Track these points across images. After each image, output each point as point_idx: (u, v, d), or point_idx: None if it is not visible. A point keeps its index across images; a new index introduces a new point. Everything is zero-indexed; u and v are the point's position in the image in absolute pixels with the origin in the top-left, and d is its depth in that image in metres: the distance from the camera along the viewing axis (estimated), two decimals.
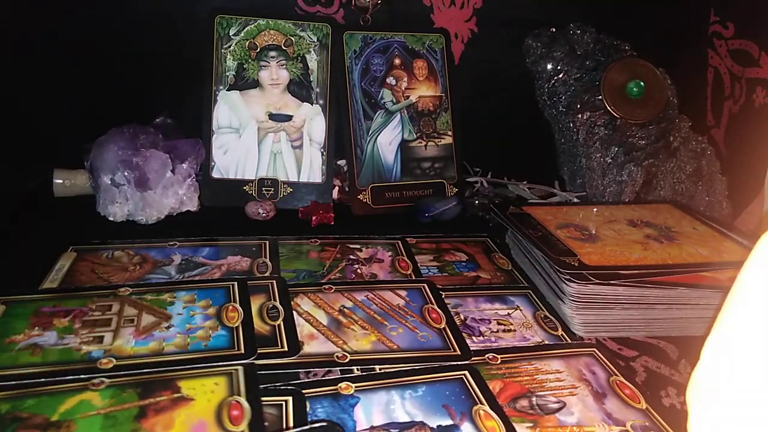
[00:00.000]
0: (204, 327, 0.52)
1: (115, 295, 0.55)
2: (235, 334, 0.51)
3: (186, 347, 0.49)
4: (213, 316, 0.53)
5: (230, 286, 0.58)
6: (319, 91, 0.83)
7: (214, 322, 0.52)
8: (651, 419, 0.47)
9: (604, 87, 0.89)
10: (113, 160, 0.71)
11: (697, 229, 0.73)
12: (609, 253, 0.64)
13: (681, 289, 0.59)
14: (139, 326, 0.51)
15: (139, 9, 0.82)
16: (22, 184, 0.78)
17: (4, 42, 0.76)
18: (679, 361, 0.57)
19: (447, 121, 0.88)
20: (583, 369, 0.52)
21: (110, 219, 0.72)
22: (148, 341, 0.49)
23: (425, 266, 0.68)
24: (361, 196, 0.82)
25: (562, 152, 0.94)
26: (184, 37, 0.83)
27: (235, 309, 0.54)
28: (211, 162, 0.79)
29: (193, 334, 0.51)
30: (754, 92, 0.88)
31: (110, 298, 0.55)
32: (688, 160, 0.89)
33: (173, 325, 0.52)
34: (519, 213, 0.74)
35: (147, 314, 0.53)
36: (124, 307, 0.54)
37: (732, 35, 0.92)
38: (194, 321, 0.52)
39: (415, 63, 0.87)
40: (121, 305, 0.54)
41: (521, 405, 0.47)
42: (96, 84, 0.82)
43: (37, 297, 0.55)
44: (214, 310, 0.54)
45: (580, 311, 0.59)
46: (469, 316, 0.59)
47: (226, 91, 0.81)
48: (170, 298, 0.56)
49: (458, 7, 0.91)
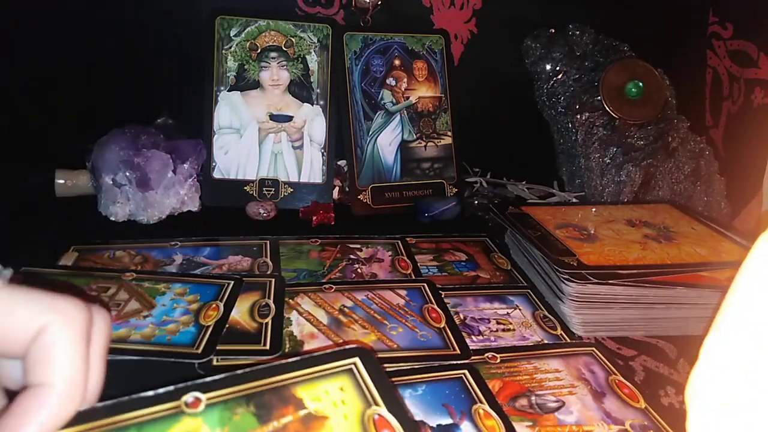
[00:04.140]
0: (178, 321, 0.52)
1: (119, 278, 0.57)
2: (202, 333, 0.51)
3: (150, 338, 0.49)
4: (193, 311, 0.54)
5: (225, 284, 0.58)
6: (320, 91, 0.83)
7: (190, 317, 0.53)
8: (650, 418, 0.48)
9: (603, 88, 0.89)
10: (115, 161, 0.72)
11: (695, 229, 0.73)
12: (608, 253, 0.64)
13: (680, 289, 0.60)
14: (121, 311, 0.52)
15: (140, 10, 0.82)
16: (23, 184, 0.78)
17: (5, 42, 0.76)
18: (678, 360, 0.57)
19: (446, 121, 0.88)
20: (582, 368, 0.52)
21: (111, 219, 0.72)
22: (120, 327, 0.50)
23: (425, 266, 0.68)
24: (362, 196, 0.82)
25: (561, 152, 0.95)
26: (185, 38, 0.84)
27: (217, 308, 0.54)
28: (212, 162, 0.80)
29: (164, 327, 0.51)
30: (753, 93, 0.88)
31: (112, 281, 0.56)
32: (686, 160, 0.89)
33: (152, 315, 0.52)
34: (518, 213, 0.74)
35: (135, 301, 0.54)
36: (120, 291, 0.55)
37: (731, 36, 0.93)
38: (173, 314, 0.53)
39: (415, 64, 0.88)
40: (117, 289, 0.55)
41: (520, 404, 0.47)
42: (98, 85, 0.82)
43: (55, 271, 0.58)
44: (197, 306, 0.54)
45: (579, 311, 0.59)
46: (469, 315, 0.59)
47: (226, 91, 0.81)
48: (164, 288, 0.56)
49: (458, 8, 0.91)
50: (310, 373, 0.32)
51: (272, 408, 0.30)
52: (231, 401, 0.30)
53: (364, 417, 0.31)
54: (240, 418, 0.29)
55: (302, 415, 0.30)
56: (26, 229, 0.69)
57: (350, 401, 0.31)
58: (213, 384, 0.30)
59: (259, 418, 0.29)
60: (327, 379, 0.32)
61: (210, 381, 0.30)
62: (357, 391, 0.32)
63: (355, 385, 0.32)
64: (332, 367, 0.33)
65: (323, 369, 0.33)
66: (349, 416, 0.31)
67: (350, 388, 0.32)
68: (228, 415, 0.29)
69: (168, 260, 0.64)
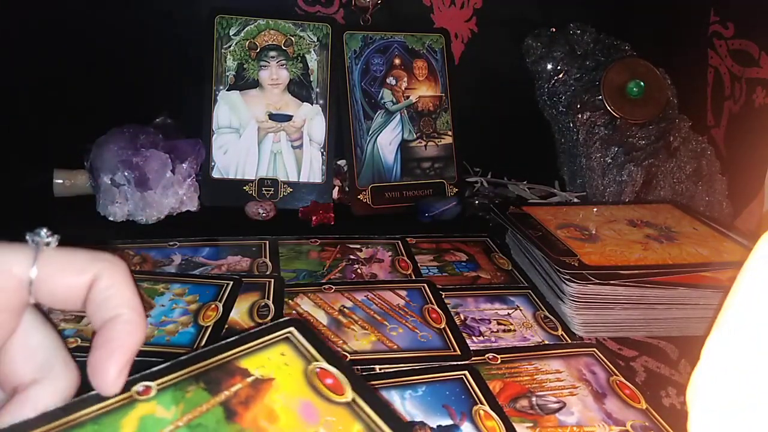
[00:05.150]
0: (177, 322, 0.52)
1: None
2: (201, 333, 0.50)
3: (149, 339, 0.49)
4: (192, 312, 0.53)
5: (224, 284, 0.58)
6: (319, 91, 0.83)
7: (189, 318, 0.52)
8: (651, 419, 0.47)
9: (604, 87, 0.89)
10: (113, 160, 0.71)
11: (697, 229, 0.73)
12: (609, 253, 0.64)
13: (681, 289, 0.59)
14: None
15: (139, 9, 0.82)
16: (22, 184, 0.78)
17: (5, 42, 0.76)
18: (679, 361, 0.57)
19: (447, 121, 0.88)
20: (583, 369, 0.52)
21: (110, 219, 0.72)
22: None
23: (425, 266, 0.68)
24: (361, 196, 0.82)
25: (562, 152, 0.95)
26: (185, 38, 0.83)
27: (216, 308, 0.54)
28: (211, 162, 0.80)
29: (163, 327, 0.51)
30: (754, 92, 0.88)
31: None
32: (688, 160, 0.89)
33: (150, 315, 0.52)
34: (519, 213, 0.74)
35: None
36: None
37: (732, 35, 0.92)
38: (172, 314, 0.52)
39: (415, 63, 0.87)
40: None
41: (521, 405, 0.47)
42: (96, 84, 0.82)
43: None
44: (196, 306, 0.54)
45: (580, 311, 0.59)
46: (469, 316, 0.59)
47: (226, 91, 0.81)
48: (163, 289, 0.56)
49: (458, 7, 0.91)
50: (250, 346, 0.34)
51: (221, 381, 0.32)
52: (181, 382, 0.31)
53: (307, 372, 0.33)
54: (192, 394, 0.31)
55: (250, 381, 0.32)
56: (25, 229, 0.69)
57: (292, 362, 0.34)
58: (159, 372, 0.31)
59: (210, 391, 0.31)
60: (268, 349, 0.34)
61: (156, 370, 0.31)
62: (297, 353, 0.34)
63: (294, 349, 0.35)
64: (271, 338, 0.35)
65: (262, 341, 0.35)
66: (293, 374, 0.33)
67: (290, 352, 0.34)
68: (180, 394, 0.31)
69: (167, 260, 0.63)
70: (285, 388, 0.32)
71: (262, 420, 0.30)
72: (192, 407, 0.30)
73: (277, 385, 0.32)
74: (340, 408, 0.31)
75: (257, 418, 0.30)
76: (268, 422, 0.30)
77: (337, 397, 0.32)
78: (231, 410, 0.30)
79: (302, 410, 0.31)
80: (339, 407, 0.31)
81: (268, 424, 0.30)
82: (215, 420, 0.30)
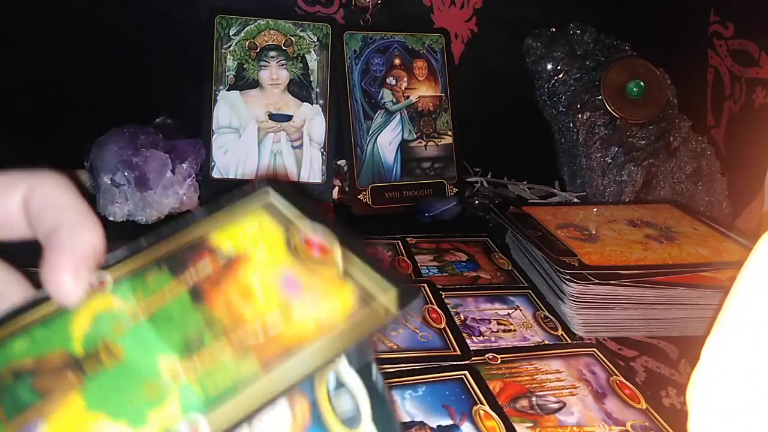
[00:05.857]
0: None
1: None
2: None
3: None
4: None
5: None
6: (319, 91, 0.83)
7: None
8: (651, 419, 0.47)
9: (604, 87, 0.89)
10: (113, 160, 0.71)
11: (697, 229, 0.73)
12: (609, 253, 0.64)
13: (681, 289, 0.59)
14: None
15: (139, 9, 0.82)
16: None
17: (4, 42, 0.76)
18: (679, 361, 0.57)
19: (447, 121, 0.88)
20: (583, 369, 0.52)
21: (110, 219, 0.72)
22: None
23: (425, 266, 0.68)
24: (361, 196, 0.82)
25: (562, 152, 0.94)
26: (185, 38, 0.83)
27: None
28: (211, 162, 0.79)
29: None
30: (754, 92, 0.88)
31: None
32: (688, 160, 0.89)
33: None
34: (519, 213, 0.74)
35: None
36: None
37: (732, 35, 0.92)
38: None
39: (415, 63, 0.87)
40: None
41: (521, 405, 0.47)
42: (96, 84, 0.81)
43: None
44: None
45: (580, 311, 0.59)
46: (469, 316, 0.59)
47: (226, 91, 0.81)
48: None
49: (458, 7, 0.91)
50: (221, 220, 0.28)
51: (187, 263, 0.26)
52: (140, 270, 0.26)
53: (290, 245, 0.27)
54: (154, 282, 0.26)
55: (221, 261, 0.27)
56: None
57: (271, 235, 0.28)
58: (115, 258, 0.27)
59: (173, 273, 0.26)
60: (242, 220, 0.28)
61: (111, 257, 0.26)
62: (277, 222, 0.28)
63: (274, 218, 0.28)
64: (245, 208, 0.29)
65: (235, 213, 0.29)
66: (274, 248, 0.27)
67: (269, 223, 0.28)
68: (139, 282, 0.26)
69: None
70: (264, 262, 0.27)
71: (236, 299, 0.25)
72: (154, 296, 0.25)
73: (254, 259, 0.27)
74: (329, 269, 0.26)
75: (230, 298, 0.25)
76: (243, 300, 0.25)
77: (325, 263, 0.26)
78: (198, 293, 0.25)
79: (285, 283, 0.26)
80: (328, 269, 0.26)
81: (243, 302, 0.25)
82: (181, 307, 0.25)
